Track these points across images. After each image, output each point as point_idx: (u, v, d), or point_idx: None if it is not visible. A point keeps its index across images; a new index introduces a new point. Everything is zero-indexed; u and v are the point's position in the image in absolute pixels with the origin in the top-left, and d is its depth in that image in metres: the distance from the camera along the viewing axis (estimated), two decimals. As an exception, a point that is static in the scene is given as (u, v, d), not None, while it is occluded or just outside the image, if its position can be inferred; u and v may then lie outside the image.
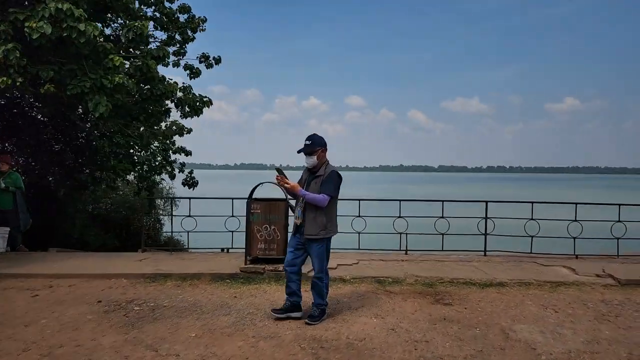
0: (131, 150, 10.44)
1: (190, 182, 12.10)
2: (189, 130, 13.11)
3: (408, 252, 6.93)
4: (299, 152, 4.03)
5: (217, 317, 4.11)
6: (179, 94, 8.40)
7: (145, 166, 10.93)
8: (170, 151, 13.15)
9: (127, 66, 6.67)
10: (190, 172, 14.37)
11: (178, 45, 10.12)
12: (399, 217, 6.99)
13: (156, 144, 11.59)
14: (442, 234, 7.01)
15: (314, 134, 4.02)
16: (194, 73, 9.63)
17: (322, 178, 3.90)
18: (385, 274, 5.65)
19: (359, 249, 6.96)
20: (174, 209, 11.74)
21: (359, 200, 6.95)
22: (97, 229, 10.68)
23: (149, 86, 7.45)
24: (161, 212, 13.76)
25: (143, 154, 11.12)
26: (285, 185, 3.92)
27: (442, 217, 6.98)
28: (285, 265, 4.11)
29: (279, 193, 5.79)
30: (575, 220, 6.84)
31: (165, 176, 11.66)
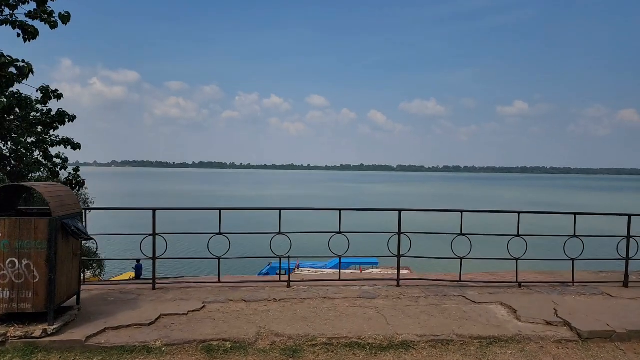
0: None
1: (75, 182, 9.94)
2: (72, 118, 10.52)
3: (291, 283, 4.83)
4: None
5: None
6: None
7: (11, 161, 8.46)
8: (47, 145, 10.57)
9: None
10: (76, 170, 11.75)
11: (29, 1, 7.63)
12: (279, 233, 4.85)
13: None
14: (340, 257, 4.97)
15: None
16: (28, 33, 7.09)
17: None
18: (227, 334, 3.50)
19: (219, 281, 4.76)
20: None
21: (220, 209, 4.71)
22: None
23: None
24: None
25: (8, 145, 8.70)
26: None
27: (340, 232, 4.92)
28: None
29: (38, 203, 3.47)
30: (518, 236, 4.99)
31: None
